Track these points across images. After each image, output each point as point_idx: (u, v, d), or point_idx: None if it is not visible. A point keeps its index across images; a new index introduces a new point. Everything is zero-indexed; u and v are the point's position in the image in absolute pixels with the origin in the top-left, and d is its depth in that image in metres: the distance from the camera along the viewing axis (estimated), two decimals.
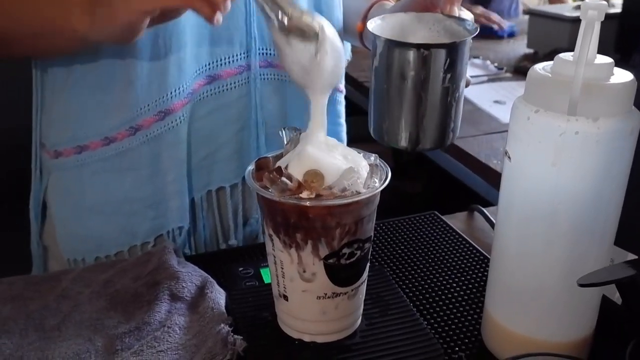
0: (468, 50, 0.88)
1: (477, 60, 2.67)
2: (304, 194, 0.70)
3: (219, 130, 1.08)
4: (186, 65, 1.01)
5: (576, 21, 2.74)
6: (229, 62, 1.05)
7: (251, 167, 0.76)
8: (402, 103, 0.86)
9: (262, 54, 1.07)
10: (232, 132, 1.09)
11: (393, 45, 0.85)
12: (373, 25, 0.88)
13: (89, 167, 1.05)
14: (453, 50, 0.83)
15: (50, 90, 1.06)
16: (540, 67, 0.69)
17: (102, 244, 1.08)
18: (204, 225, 1.12)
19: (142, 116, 1.01)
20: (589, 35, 0.63)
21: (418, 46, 0.83)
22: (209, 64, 1.04)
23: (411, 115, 0.87)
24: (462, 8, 0.95)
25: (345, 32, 1.18)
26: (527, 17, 3.09)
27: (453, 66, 0.85)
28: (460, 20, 0.91)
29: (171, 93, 1.01)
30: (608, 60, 0.67)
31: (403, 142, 0.89)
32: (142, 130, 1.02)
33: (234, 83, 1.07)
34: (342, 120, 1.23)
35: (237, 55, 1.05)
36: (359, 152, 0.78)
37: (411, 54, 0.84)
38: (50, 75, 1.05)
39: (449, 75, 0.84)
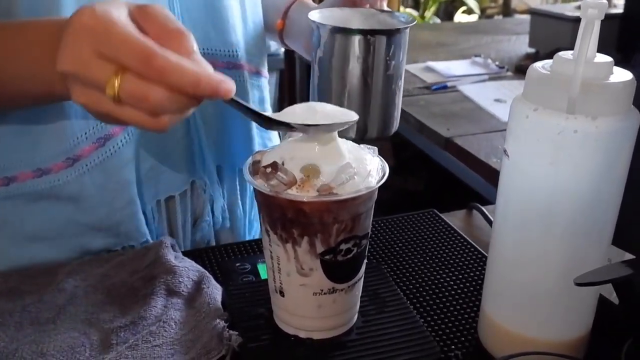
0: (407, 39, 0.90)
1: (478, 59, 2.67)
2: (301, 190, 0.70)
3: (164, 141, 1.02)
4: None
5: (578, 21, 2.74)
6: None
7: (249, 161, 0.76)
8: (349, 92, 0.88)
9: (206, 54, 1.02)
10: (176, 139, 1.04)
11: (339, 32, 0.87)
12: (315, 16, 0.90)
13: (22, 197, 0.96)
14: (397, 36, 0.85)
15: None
16: (540, 66, 0.69)
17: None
18: (156, 235, 1.07)
19: (80, 145, 0.94)
20: (589, 34, 0.63)
21: (364, 32, 0.86)
22: None
23: (358, 104, 0.89)
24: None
25: (265, 29, 1.17)
26: (528, 16, 3.09)
27: (396, 53, 0.87)
28: (393, 13, 0.95)
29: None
30: (607, 59, 0.66)
31: (351, 132, 0.91)
32: (81, 160, 0.95)
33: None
34: (268, 105, 1.21)
35: None
36: (361, 147, 0.78)
37: (357, 40, 0.86)
38: None
39: (392, 63, 0.87)
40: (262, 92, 1.18)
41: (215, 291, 0.86)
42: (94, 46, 0.63)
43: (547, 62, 0.69)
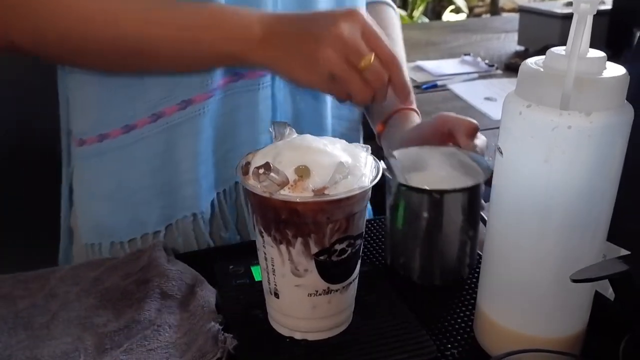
0: (483, 189, 0.89)
1: (467, 57, 2.67)
2: (294, 190, 0.70)
3: (239, 129, 1.10)
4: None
5: (567, 18, 2.75)
6: None
7: (242, 162, 0.76)
8: (417, 242, 0.89)
9: None
10: (251, 133, 1.11)
11: (406, 188, 0.87)
12: (386, 162, 0.91)
13: (107, 155, 1.09)
14: (468, 193, 0.84)
15: (76, 80, 1.10)
16: (532, 62, 0.68)
17: (114, 232, 1.13)
18: (229, 214, 1.17)
19: (165, 104, 1.05)
20: (582, 29, 0.63)
21: (430, 192, 0.85)
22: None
23: (426, 253, 0.90)
24: (478, 135, 1.02)
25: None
26: (517, 14, 3.09)
27: (469, 207, 0.86)
28: (474, 155, 0.94)
29: (196, 84, 1.04)
30: (600, 54, 0.66)
31: (419, 278, 0.92)
32: (163, 117, 1.05)
33: (260, 84, 1.09)
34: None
35: None
36: (355, 146, 0.78)
37: (425, 198, 0.86)
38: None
39: (463, 217, 0.85)
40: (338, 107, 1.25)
41: (209, 294, 0.86)
42: (365, 29, 0.93)
43: (540, 59, 0.69)
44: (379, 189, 0.79)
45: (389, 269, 0.94)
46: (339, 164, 0.70)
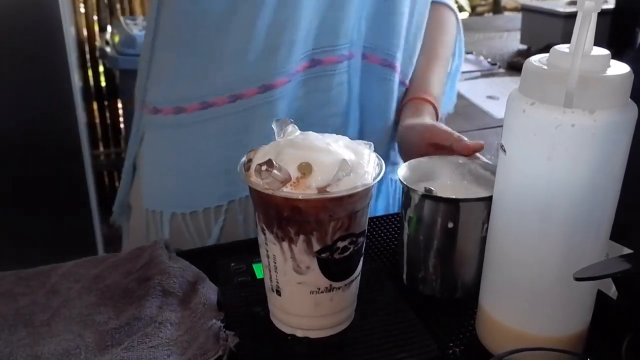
0: None
1: (470, 56, 2.67)
2: (296, 188, 0.69)
3: (311, 112, 1.14)
4: (295, 47, 1.08)
5: (569, 17, 2.75)
6: (332, 49, 1.12)
7: (244, 159, 0.75)
8: (439, 254, 0.87)
9: (367, 47, 1.16)
10: (323, 116, 1.16)
11: (431, 199, 0.85)
12: (403, 173, 0.90)
13: (181, 128, 1.12)
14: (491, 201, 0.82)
15: (162, 49, 1.14)
16: (536, 60, 0.68)
17: (178, 202, 1.15)
18: None
19: (245, 87, 1.08)
20: (586, 27, 0.63)
21: (457, 201, 0.84)
22: (314, 49, 1.10)
23: (449, 266, 0.88)
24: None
25: None
26: (519, 13, 3.09)
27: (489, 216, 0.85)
28: (485, 164, 0.93)
29: (277, 70, 1.08)
30: (604, 52, 0.66)
31: (440, 292, 0.90)
32: (242, 99, 1.09)
33: (334, 70, 1.14)
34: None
35: (340, 44, 1.12)
36: (358, 143, 0.77)
37: (451, 208, 0.84)
38: (166, 34, 1.12)
39: (486, 226, 0.83)
40: (398, 101, 1.26)
41: (210, 291, 0.86)
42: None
43: (544, 56, 0.68)
44: None
45: (407, 285, 0.92)
46: (342, 161, 0.70)
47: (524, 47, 2.80)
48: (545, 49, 0.69)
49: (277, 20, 1.06)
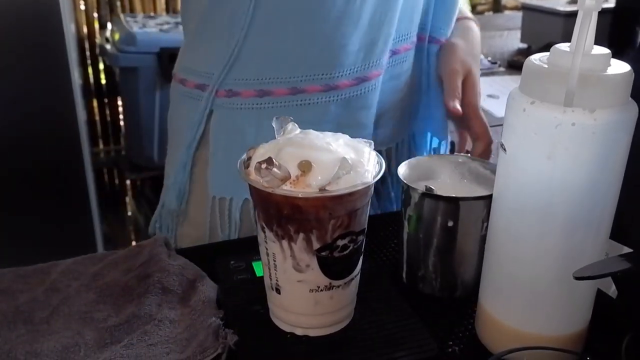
0: None
1: None
2: (295, 186, 0.69)
3: (387, 97, 1.17)
4: (390, 39, 1.10)
5: (569, 15, 2.74)
6: (406, 38, 1.15)
7: (243, 156, 0.75)
8: (439, 253, 0.87)
9: (434, 29, 1.20)
10: (397, 98, 1.20)
11: (431, 198, 0.85)
12: (403, 168, 0.90)
13: (266, 111, 1.09)
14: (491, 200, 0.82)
15: (260, 34, 1.07)
16: (537, 58, 0.68)
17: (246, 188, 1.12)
18: None
19: (341, 79, 1.08)
20: (587, 25, 0.63)
21: (457, 199, 0.84)
22: (394, 40, 1.13)
23: (448, 265, 0.88)
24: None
25: None
26: (519, 12, 3.09)
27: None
28: (485, 163, 0.93)
29: (372, 63, 1.10)
30: (605, 51, 0.66)
31: (440, 290, 0.90)
32: (336, 90, 1.09)
33: (407, 57, 1.18)
34: None
35: (412, 32, 1.16)
36: (358, 141, 0.77)
37: (451, 207, 0.84)
38: (266, 11, 1.06)
39: (486, 224, 0.83)
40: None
41: (210, 289, 0.86)
42: None
43: (544, 55, 0.68)
44: None
45: (406, 284, 0.92)
46: (343, 159, 0.70)
47: (524, 45, 2.80)
48: (546, 47, 0.69)
49: (377, 14, 1.06)
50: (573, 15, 2.48)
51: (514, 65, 2.55)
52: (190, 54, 1.16)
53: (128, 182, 3.95)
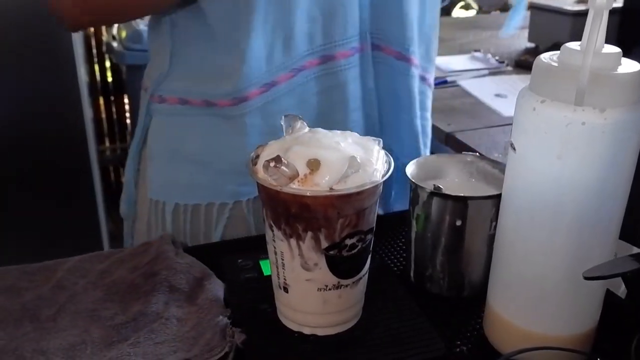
0: None
1: (477, 54, 2.66)
2: (304, 184, 0.69)
3: (333, 109, 1.12)
4: (295, 42, 1.05)
5: (577, 15, 2.73)
6: (342, 44, 1.09)
7: (252, 154, 0.75)
8: (447, 252, 0.87)
9: (378, 38, 1.12)
10: (345, 113, 1.13)
11: (440, 197, 0.85)
12: (411, 167, 0.89)
13: (191, 118, 1.11)
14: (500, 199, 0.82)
15: (183, 43, 1.11)
16: (547, 57, 0.68)
17: (185, 193, 1.14)
18: None
19: (249, 89, 1.05)
20: (598, 24, 0.62)
21: (465, 198, 0.83)
22: (323, 45, 1.08)
23: (456, 264, 0.88)
24: None
25: None
26: (527, 11, 3.08)
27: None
28: (494, 162, 0.92)
29: (278, 67, 1.06)
30: (616, 49, 0.65)
31: (448, 290, 0.89)
32: (247, 101, 1.06)
33: (348, 64, 1.10)
34: (428, 113, 1.26)
35: (350, 37, 1.09)
36: (367, 139, 0.77)
37: (459, 206, 0.84)
38: (175, 29, 1.10)
39: (494, 223, 0.83)
40: (426, 101, 1.24)
41: (217, 287, 0.85)
42: None
43: (554, 54, 0.68)
44: None
45: (414, 283, 0.92)
46: (351, 158, 0.70)
47: (532, 45, 2.79)
48: (553, 47, 0.68)
49: (270, 15, 1.02)
50: (581, 14, 2.47)
51: (522, 64, 2.54)
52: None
53: None
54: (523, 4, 1.32)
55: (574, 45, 0.66)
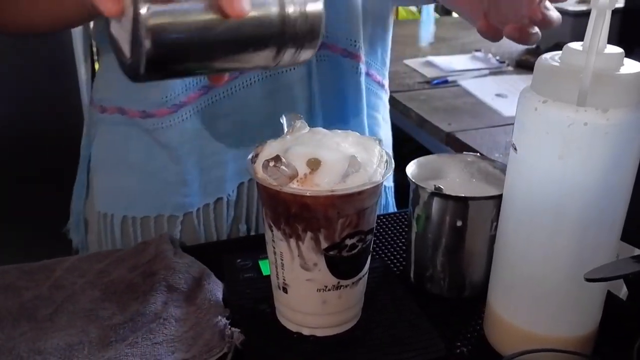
0: None
1: (478, 54, 2.65)
2: (304, 184, 0.69)
3: (279, 113, 1.08)
4: None
5: (579, 15, 2.72)
6: None
7: (251, 154, 0.75)
8: (447, 253, 0.86)
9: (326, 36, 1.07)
10: (296, 110, 1.07)
11: (440, 197, 0.84)
12: (412, 167, 0.88)
13: (132, 127, 1.07)
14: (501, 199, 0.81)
15: (105, 51, 1.11)
16: (549, 57, 0.67)
17: (132, 204, 1.10)
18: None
19: (186, 93, 1.02)
20: (600, 24, 0.62)
21: (466, 199, 0.83)
22: None
23: (457, 265, 0.87)
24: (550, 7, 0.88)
25: None
26: None
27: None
28: (495, 162, 0.91)
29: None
30: (618, 50, 0.65)
31: (448, 291, 0.89)
32: (185, 106, 1.03)
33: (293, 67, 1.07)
34: (378, 113, 1.23)
35: None
36: (367, 139, 0.76)
37: (460, 207, 0.83)
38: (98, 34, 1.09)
39: (495, 224, 0.82)
40: (379, 104, 1.23)
41: (216, 287, 0.85)
42: None
43: (556, 54, 0.68)
44: None
45: (414, 283, 0.91)
46: (352, 158, 0.69)
47: (533, 45, 2.79)
48: (554, 47, 0.68)
49: None
50: (582, 15, 2.46)
51: (523, 64, 2.53)
52: None
53: None
54: (430, 19, 1.30)
55: (576, 45, 0.66)
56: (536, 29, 0.90)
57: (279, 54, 0.62)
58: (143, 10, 0.54)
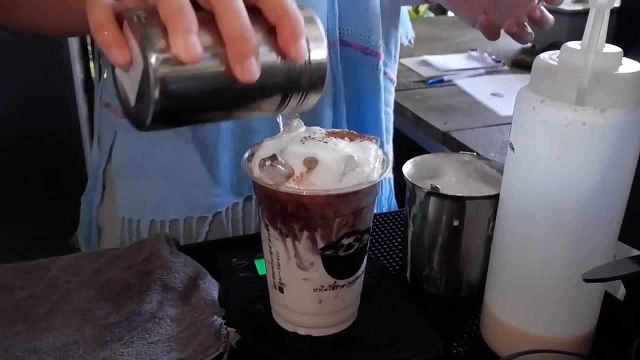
0: None
1: (474, 53, 2.66)
2: (300, 183, 0.68)
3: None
4: None
5: (575, 15, 2.72)
6: None
7: (247, 153, 0.74)
8: (444, 252, 0.86)
9: (345, 34, 1.09)
10: (321, 108, 1.10)
11: (437, 197, 0.84)
12: (408, 167, 0.88)
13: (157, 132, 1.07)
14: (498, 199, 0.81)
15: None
16: (547, 56, 0.67)
17: (160, 208, 1.10)
18: None
19: None
20: (599, 23, 0.62)
21: (463, 198, 0.83)
22: None
23: (453, 264, 0.87)
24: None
25: None
26: None
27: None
28: (492, 161, 0.91)
29: None
30: (617, 49, 0.65)
31: (444, 290, 0.89)
32: None
33: None
34: (390, 109, 1.24)
35: None
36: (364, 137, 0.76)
37: (456, 206, 0.83)
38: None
39: (492, 224, 0.82)
40: (389, 97, 1.23)
41: (211, 287, 0.85)
42: None
43: (554, 53, 0.67)
44: None
45: (411, 283, 0.91)
46: (349, 157, 0.69)
47: (529, 44, 2.78)
48: (550, 46, 0.68)
49: None
50: (578, 14, 2.46)
51: (518, 64, 2.54)
52: None
53: None
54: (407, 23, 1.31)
55: (574, 44, 0.66)
56: (530, 29, 0.90)
57: (283, 103, 0.62)
58: (153, 61, 0.54)
